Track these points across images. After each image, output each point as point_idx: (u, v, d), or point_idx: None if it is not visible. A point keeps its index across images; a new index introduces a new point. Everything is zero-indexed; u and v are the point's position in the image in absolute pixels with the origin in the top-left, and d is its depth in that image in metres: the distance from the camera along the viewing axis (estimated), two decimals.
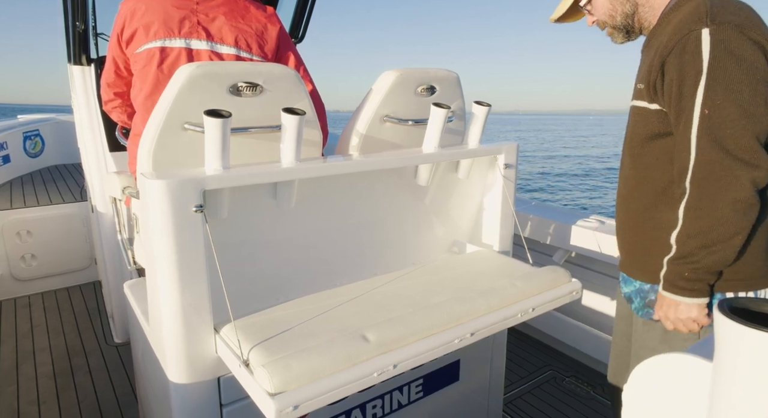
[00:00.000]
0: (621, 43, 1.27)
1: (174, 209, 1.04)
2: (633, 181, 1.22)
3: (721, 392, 0.35)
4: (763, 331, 0.32)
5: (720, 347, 0.35)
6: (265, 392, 0.95)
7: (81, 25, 2.28)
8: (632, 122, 1.20)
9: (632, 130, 1.20)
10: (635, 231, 1.24)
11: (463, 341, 1.21)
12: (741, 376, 0.33)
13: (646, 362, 0.44)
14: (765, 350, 0.32)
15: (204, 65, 1.25)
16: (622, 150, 1.29)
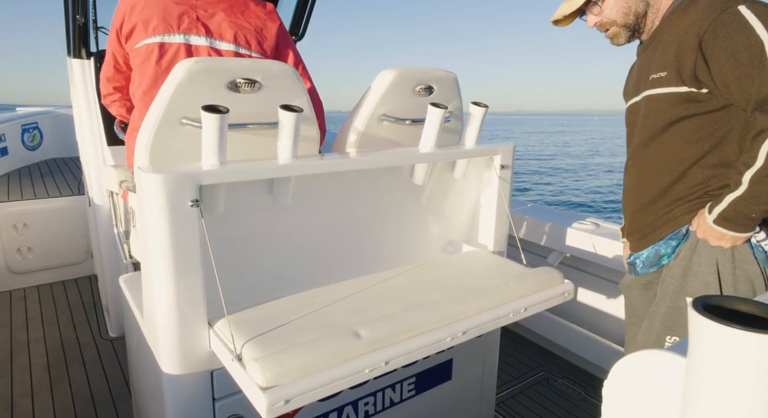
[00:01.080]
0: (622, 44, 1.32)
1: (170, 203, 1.05)
2: (656, 165, 1.29)
3: (694, 389, 0.36)
4: (734, 328, 0.33)
5: (693, 343, 0.36)
6: (257, 386, 0.96)
7: (81, 19, 2.29)
8: (651, 110, 1.26)
9: (651, 117, 1.26)
10: (657, 207, 1.32)
11: (454, 340, 1.22)
12: (712, 372, 0.34)
13: (625, 359, 0.45)
14: (735, 347, 0.33)
15: (203, 61, 1.26)
16: (631, 140, 1.36)
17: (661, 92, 1.22)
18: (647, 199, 1.34)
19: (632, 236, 1.42)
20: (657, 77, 1.22)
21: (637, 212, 1.38)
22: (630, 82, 1.39)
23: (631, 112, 1.36)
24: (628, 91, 1.39)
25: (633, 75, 1.38)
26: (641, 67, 1.30)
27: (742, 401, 0.33)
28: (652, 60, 1.26)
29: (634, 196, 1.38)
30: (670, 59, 1.19)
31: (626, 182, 1.42)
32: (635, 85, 1.33)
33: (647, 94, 1.26)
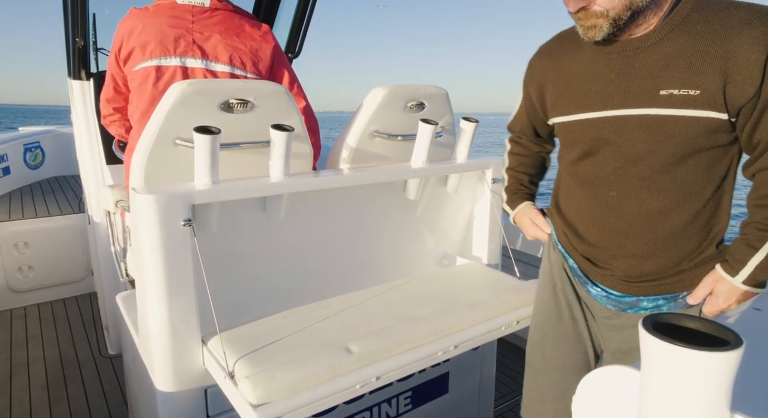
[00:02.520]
0: (597, 39, 0.99)
1: (163, 222, 1.07)
2: (661, 203, 1.03)
3: (647, 403, 0.38)
4: (678, 346, 0.35)
5: (644, 360, 0.38)
6: (248, 404, 0.97)
7: (81, 42, 2.33)
8: (670, 133, 0.98)
9: (667, 142, 0.99)
10: (679, 247, 1.05)
11: (446, 354, 1.22)
12: (661, 387, 0.36)
13: (591, 374, 0.46)
14: (680, 364, 0.34)
15: (195, 83, 1.29)
16: (622, 161, 1.04)
17: (678, 115, 0.96)
18: (666, 234, 1.04)
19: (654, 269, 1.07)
20: (677, 95, 0.96)
21: (654, 246, 1.05)
22: (596, 86, 1.05)
23: (598, 126, 1.05)
24: (594, 96, 1.05)
25: (603, 78, 1.04)
26: (629, 74, 1.00)
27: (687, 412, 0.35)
28: (665, 68, 0.97)
29: (648, 229, 1.05)
30: (711, 75, 0.92)
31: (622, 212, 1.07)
32: (614, 92, 1.02)
33: (655, 113, 0.98)
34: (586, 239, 1.14)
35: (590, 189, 1.11)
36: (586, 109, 1.06)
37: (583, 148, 1.09)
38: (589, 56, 1.06)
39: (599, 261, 1.13)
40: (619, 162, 1.04)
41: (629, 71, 1.01)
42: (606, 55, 1.03)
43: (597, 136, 1.05)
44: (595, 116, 1.05)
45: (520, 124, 1.36)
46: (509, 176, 1.42)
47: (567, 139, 1.15)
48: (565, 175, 1.20)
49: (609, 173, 1.06)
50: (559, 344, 1.24)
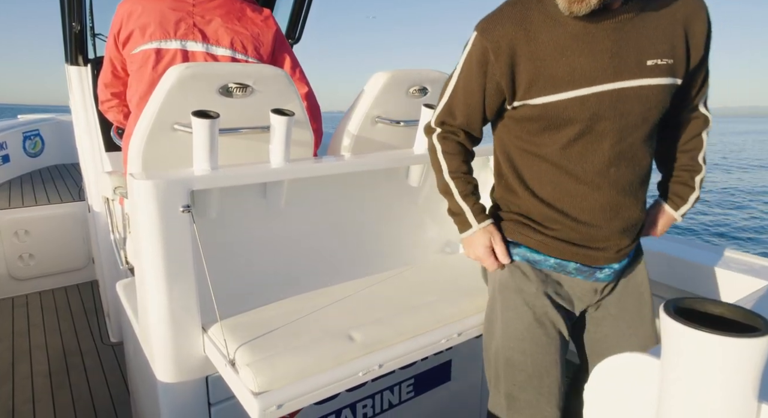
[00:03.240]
0: (583, 13, 0.96)
1: (161, 208, 1.05)
2: (645, 165, 1.09)
3: (667, 390, 0.36)
4: (703, 331, 0.33)
5: (665, 346, 0.36)
6: (249, 392, 0.96)
7: (77, 26, 2.30)
8: (653, 103, 1.02)
9: (653, 112, 1.04)
10: (642, 211, 1.14)
11: (450, 341, 1.21)
12: (684, 374, 0.34)
13: (605, 362, 0.44)
14: (705, 350, 0.32)
15: (193, 66, 1.26)
16: (619, 135, 1.04)
17: (662, 83, 1.02)
18: (640, 200, 1.12)
19: (631, 235, 1.13)
20: (661, 64, 1.01)
21: (636, 212, 1.11)
22: (590, 60, 1.01)
23: (596, 101, 1.02)
24: (590, 70, 1.01)
25: (593, 49, 1.00)
26: (623, 44, 1.00)
27: (712, 401, 0.33)
28: (645, 40, 1.01)
29: (632, 196, 1.09)
30: (679, 43, 1.01)
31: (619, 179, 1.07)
32: (610, 65, 1.00)
33: (649, 83, 1.01)
34: (585, 224, 1.08)
35: (588, 170, 1.05)
36: (580, 85, 1.00)
37: (578, 127, 1.03)
38: (572, 30, 1.00)
39: (598, 242, 1.10)
40: (615, 137, 1.03)
41: (618, 43, 1.00)
42: (593, 28, 0.99)
43: (593, 114, 1.01)
44: (593, 91, 1.00)
45: (465, 114, 1.13)
46: (459, 182, 1.16)
47: (554, 120, 1.04)
48: (547, 166, 1.08)
49: (607, 150, 1.04)
50: (556, 365, 1.14)
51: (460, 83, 1.11)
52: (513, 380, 1.13)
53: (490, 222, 1.15)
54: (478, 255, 1.15)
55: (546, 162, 1.08)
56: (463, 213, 1.15)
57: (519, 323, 1.12)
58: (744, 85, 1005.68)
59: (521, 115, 1.08)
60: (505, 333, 1.14)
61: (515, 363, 1.13)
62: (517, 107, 1.07)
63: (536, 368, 1.11)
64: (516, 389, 1.13)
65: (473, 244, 1.15)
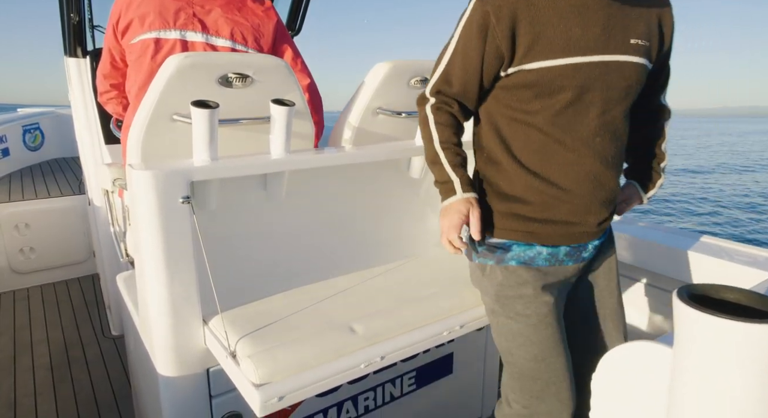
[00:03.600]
0: None
1: (160, 199, 1.04)
2: (624, 141, 1.15)
3: (680, 378, 0.35)
4: (720, 317, 0.32)
5: (679, 333, 0.35)
6: (251, 383, 0.95)
7: (75, 17, 2.28)
8: (635, 80, 1.09)
9: (634, 88, 1.10)
10: (619, 186, 1.20)
11: (452, 333, 1.20)
12: (698, 362, 0.33)
13: (612, 351, 0.43)
14: (722, 336, 0.31)
15: (193, 55, 1.24)
16: (604, 106, 1.09)
17: (641, 63, 1.09)
18: (618, 175, 1.17)
19: (610, 208, 1.18)
20: (641, 45, 1.09)
21: (615, 186, 1.15)
22: (585, 31, 1.06)
23: (587, 70, 1.06)
24: (584, 40, 1.06)
25: (588, 22, 1.06)
26: (613, 19, 1.07)
27: (728, 389, 0.32)
28: (630, 20, 1.08)
29: (613, 169, 1.14)
30: (654, 30, 1.11)
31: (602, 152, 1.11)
32: (601, 38, 1.06)
33: (631, 60, 1.07)
34: (570, 192, 1.10)
35: (575, 138, 1.08)
36: (574, 53, 1.04)
37: (569, 95, 1.06)
38: (570, 0, 1.06)
39: (581, 214, 1.12)
40: (600, 108, 1.07)
41: (608, 19, 1.06)
42: (589, 0, 1.06)
43: (583, 83, 1.05)
44: (584, 61, 1.04)
45: (463, 81, 1.12)
46: (448, 152, 1.14)
47: (548, 87, 1.06)
48: (536, 134, 1.10)
49: (592, 120, 1.08)
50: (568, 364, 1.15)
51: (459, 49, 1.11)
52: (530, 392, 1.12)
53: (474, 195, 1.13)
54: (452, 223, 1.11)
55: (535, 130, 1.09)
56: (450, 181, 1.13)
57: (525, 329, 1.11)
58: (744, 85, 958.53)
59: (515, 83, 1.09)
60: (512, 344, 1.13)
61: (528, 373, 1.12)
62: (511, 74, 1.09)
63: (552, 374, 1.11)
64: (535, 401, 1.12)
65: (451, 211, 1.12)
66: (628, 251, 1.82)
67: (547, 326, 1.11)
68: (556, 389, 1.11)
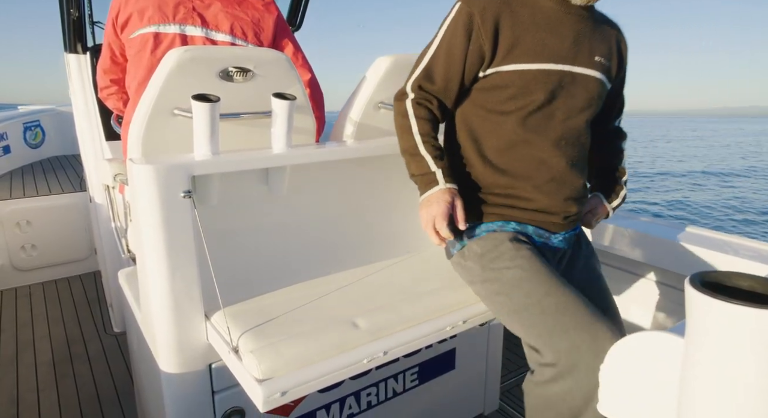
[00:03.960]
0: (591, 2, 1.16)
1: (162, 194, 1.03)
2: (585, 147, 1.25)
3: (692, 368, 0.34)
4: (734, 304, 0.31)
5: (691, 321, 0.34)
6: (253, 378, 0.95)
7: (75, 13, 2.27)
8: (598, 94, 1.21)
9: (597, 101, 1.21)
10: (585, 187, 1.29)
11: (455, 328, 1.20)
12: (712, 349, 0.32)
13: (622, 341, 0.42)
14: (736, 323, 0.30)
15: (193, 49, 1.24)
16: (568, 113, 1.18)
17: (601, 79, 1.20)
18: (584, 179, 1.26)
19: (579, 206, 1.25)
20: (603, 63, 1.20)
21: (582, 186, 1.24)
22: (557, 41, 1.15)
23: (558, 77, 1.15)
24: (556, 50, 1.14)
25: (560, 34, 1.15)
26: (582, 36, 1.16)
27: (742, 377, 0.31)
28: (595, 39, 1.19)
29: (579, 172, 1.22)
30: (614, 53, 1.24)
31: (571, 156, 1.20)
32: (571, 50, 1.15)
33: (594, 75, 1.18)
34: (538, 190, 1.17)
35: (544, 139, 1.16)
36: (547, 60, 1.13)
37: (540, 97, 1.14)
38: (547, 12, 1.15)
39: (548, 208, 1.19)
40: (564, 115, 1.17)
41: (579, 34, 1.17)
42: (564, 15, 1.16)
43: (553, 88, 1.14)
44: (555, 68, 1.14)
45: (445, 78, 1.16)
46: (428, 145, 1.16)
47: (522, 89, 1.14)
48: (508, 134, 1.17)
49: (558, 124, 1.17)
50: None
51: (443, 47, 1.16)
52: (563, 327, 1.03)
53: (455, 186, 1.14)
54: (439, 211, 1.09)
55: (507, 130, 1.16)
56: (432, 173, 1.14)
57: (520, 274, 1.10)
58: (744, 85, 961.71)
59: (492, 84, 1.16)
60: (516, 297, 1.09)
61: (543, 311, 1.06)
62: (488, 75, 1.16)
63: (568, 300, 1.06)
64: (558, 339, 1.04)
65: (434, 201, 1.11)
66: (634, 247, 1.81)
67: (540, 266, 1.11)
68: (574, 319, 1.04)
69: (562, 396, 1.04)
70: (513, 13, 1.13)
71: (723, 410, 0.33)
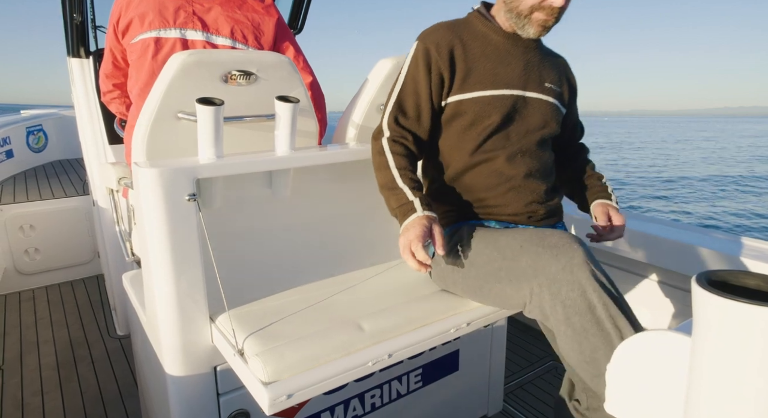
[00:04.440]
0: (541, 36, 1.27)
1: (167, 197, 1.04)
2: (545, 160, 1.33)
3: (700, 365, 0.34)
4: (742, 302, 0.31)
5: (698, 320, 0.34)
6: (259, 381, 0.95)
7: (78, 17, 2.28)
8: (551, 116, 1.32)
9: (553, 123, 1.32)
10: (550, 193, 1.34)
11: (459, 331, 1.20)
12: (719, 348, 0.32)
13: (628, 341, 0.43)
14: (743, 321, 0.31)
15: (196, 53, 1.24)
16: (526, 132, 1.28)
17: (554, 103, 1.32)
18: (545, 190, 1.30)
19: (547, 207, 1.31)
20: (554, 89, 1.32)
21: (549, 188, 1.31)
22: (508, 70, 1.27)
23: (511, 102, 1.26)
24: (507, 77, 1.26)
25: (510, 63, 1.27)
26: (531, 65, 1.29)
27: (750, 376, 0.31)
28: (544, 67, 1.32)
29: (544, 179, 1.30)
30: (564, 81, 1.37)
31: (527, 168, 1.27)
32: (521, 77, 1.27)
33: (546, 98, 1.30)
34: (501, 198, 1.27)
35: (501, 155, 1.25)
36: (500, 86, 1.26)
37: (497, 119, 1.24)
38: (496, 45, 1.28)
39: (515, 212, 1.28)
40: (521, 133, 1.28)
41: (528, 63, 1.29)
42: (512, 47, 1.28)
43: (507, 111, 1.25)
44: (508, 93, 1.26)
45: (415, 107, 1.25)
46: (406, 178, 1.19)
47: (480, 113, 1.24)
48: (470, 154, 1.27)
49: (516, 142, 1.27)
50: None
51: (408, 83, 1.26)
52: (539, 260, 1.04)
53: (433, 214, 1.15)
54: (416, 233, 1.07)
55: (470, 151, 1.26)
56: (410, 202, 1.16)
57: (496, 234, 1.18)
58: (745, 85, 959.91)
59: (452, 112, 1.27)
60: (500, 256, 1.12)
61: (529, 251, 1.07)
62: (449, 104, 1.27)
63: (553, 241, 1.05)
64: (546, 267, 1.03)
65: (411, 227, 1.10)
66: (638, 248, 1.80)
67: (498, 231, 1.19)
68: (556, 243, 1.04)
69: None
70: (465, 45, 1.26)
71: (730, 409, 0.33)
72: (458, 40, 1.26)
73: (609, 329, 0.94)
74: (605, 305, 0.95)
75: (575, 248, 1.01)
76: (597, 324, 0.95)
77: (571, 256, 0.99)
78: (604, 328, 0.95)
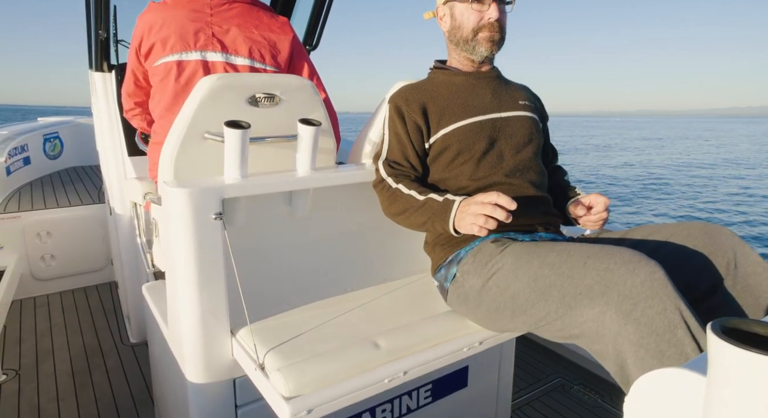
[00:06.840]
0: (492, 53, 1.36)
1: (195, 216, 1.08)
2: (540, 171, 1.38)
3: (714, 411, 0.37)
4: (752, 351, 0.34)
5: (713, 366, 0.38)
6: (281, 396, 0.98)
7: (104, 34, 2.35)
8: (533, 129, 1.39)
9: (537, 135, 1.39)
10: (548, 204, 1.37)
11: (471, 350, 1.23)
12: (731, 396, 0.35)
13: (646, 377, 0.46)
14: (754, 370, 0.34)
15: (224, 77, 1.29)
16: (516, 149, 1.34)
17: (534, 117, 1.40)
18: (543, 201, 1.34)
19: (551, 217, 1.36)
20: (528, 105, 1.41)
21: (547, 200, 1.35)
22: (477, 100, 1.36)
23: (490, 125, 1.33)
24: (480, 105, 1.35)
25: (478, 94, 1.37)
26: (497, 90, 1.40)
27: None
28: (511, 90, 1.42)
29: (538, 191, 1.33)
30: (534, 100, 1.47)
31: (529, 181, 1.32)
32: (492, 102, 1.37)
33: (524, 114, 1.39)
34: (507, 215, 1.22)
35: (500, 173, 1.30)
36: (475, 114, 1.34)
37: (483, 144, 1.31)
38: (461, 83, 1.39)
39: (524, 222, 1.29)
40: (512, 150, 1.33)
41: (495, 90, 1.40)
42: (475, 81, 1.39)
43: (490, 133, 1.32)
44: (485, 118, 1.34)
45: (404, 157, 1.34)
46: (425, 192, 1.24)
47: (465, 142, 1.31)
48: (466, 182, 1.31)
49: (509, 159, 1.32)
50: None
51: (391, 139, 1.36)
52: (595, 277, 0.95)
53: (464, 197, 1.16)
54: (483, 206, 1.04)
55: (466, 178, 1.31)
56: (443, 199, 1.18)
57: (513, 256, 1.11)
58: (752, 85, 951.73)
59: (438, 149, 1.33)
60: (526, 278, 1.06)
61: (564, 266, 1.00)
62: (433, 144, 1.34)
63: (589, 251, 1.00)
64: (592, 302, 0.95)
65: (466, 209, 1.09)
66: None
67: (540, 245, 1.10)
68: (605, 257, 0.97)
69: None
70: (432, 95, 1.37)
71: None
72: (425, 94, 1.37)
73: (689, 353, 0.84)
74: (688, 327, 0.85)
75: (653, 263, 0.91)
76: (676, 346, 0.85)
77: (650, 270, 0.89)
78: (684, 351, 0.84)
